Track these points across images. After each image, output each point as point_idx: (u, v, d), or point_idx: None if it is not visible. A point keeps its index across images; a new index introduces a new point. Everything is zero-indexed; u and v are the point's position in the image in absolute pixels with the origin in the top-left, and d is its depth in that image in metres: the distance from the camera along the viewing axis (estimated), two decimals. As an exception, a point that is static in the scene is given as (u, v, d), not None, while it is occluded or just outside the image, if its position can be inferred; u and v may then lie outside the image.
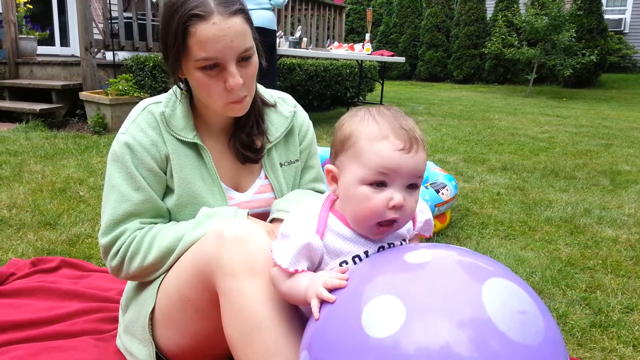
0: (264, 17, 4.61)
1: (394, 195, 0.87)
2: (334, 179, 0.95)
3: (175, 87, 1.27)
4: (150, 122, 1.23)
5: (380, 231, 0.92)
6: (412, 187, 0.90)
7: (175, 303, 1.14)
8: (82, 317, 1.56)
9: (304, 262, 0.93)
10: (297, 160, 1.40)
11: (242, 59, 1.15)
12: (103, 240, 1.20)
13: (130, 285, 1.32)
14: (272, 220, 1.29)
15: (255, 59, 1.19)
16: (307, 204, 1.00)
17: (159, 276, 1.20)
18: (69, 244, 2.24)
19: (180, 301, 1.13)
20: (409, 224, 1.00)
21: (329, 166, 0.95)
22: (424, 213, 1.04)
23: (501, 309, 0.74)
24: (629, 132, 6.15)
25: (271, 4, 4.76)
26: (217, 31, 1.09)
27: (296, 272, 0.92)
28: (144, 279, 1.22)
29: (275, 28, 4.81)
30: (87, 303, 1.65)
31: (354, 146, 0.89)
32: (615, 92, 11.62)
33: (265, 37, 4.56)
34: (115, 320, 1.51)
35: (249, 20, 1.16)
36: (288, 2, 7.49)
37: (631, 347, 1.58)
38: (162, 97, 1.28)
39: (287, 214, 1.25)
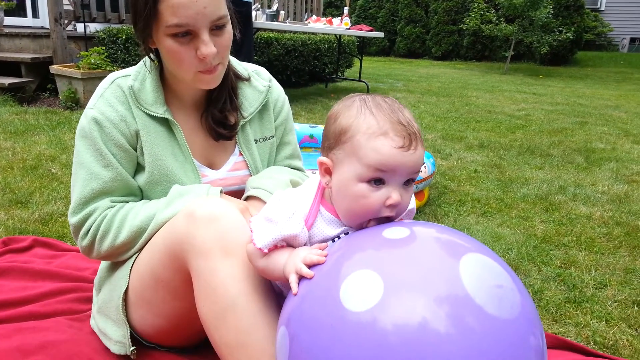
0: None
1: (392, 193, 0.86)
2: (327, 171, 0.92)
3: (145, 58, 1.22)
4: (118, 96, 1.19)
5: (370, 225, 0.91)
6: (408, 182, 0.89)
7: (148, 283, 1.12)
8: (55, 298, 1.54)
9: (282, 244, 0.92)
10: (272, 137, 1.37)
11: (216, 27, 1.10)
12: (73, 220, 1.17)
13: (103, 265, 1.29)
14: (248, 198, 1.26)
15: (229, 28, 1.14)
16: (298, 190, 0.98)
17: (132, 256, 1.18)
18: (42, 223, 2.19)
19: (153, 281, 1.11)
20: None
21: (322, 158, 0.92)
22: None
23: (478, 284, 0.75)
24: (604, 110, 6.25)
25: None
26: None
27: (273, 248, 0.91)
28: (116, 258, 1.20)
29: (251, 0, 4.70)
30: (60, 283, 1.62)
31: (351, 141, 0.87)
32: (591, 70, 11.78)
33: (240, 8, 4.47)
34: (89, 300, 1.49)
35: None
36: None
37: (604, 322, 1.62)
38: (131, 69, 1.23)
39: (271, 195, 1.23)
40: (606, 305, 1.72)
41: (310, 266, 0.85)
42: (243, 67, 1.35)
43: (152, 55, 1.20)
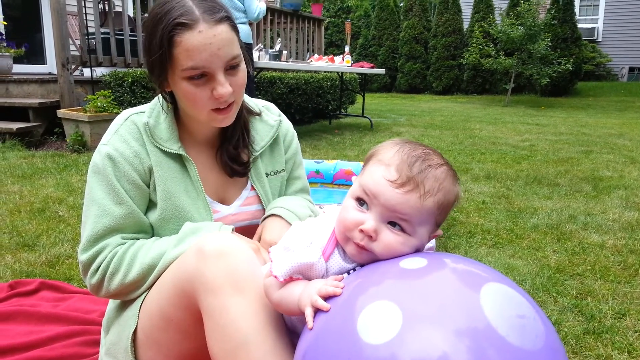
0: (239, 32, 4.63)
1: (367, 220, 0.86)
2: None
3: (159, 97, 1.23)
4: (133, 132, 1.19)
5: (359, 253, 0.88)
6: (394, 225, 0.86)
7: (157, 323, 1.10)
8: (62, 342, 1.51)
9: (298, 276, 0.90)
10: (283, 170, 1.38)
11: (230, 67, 1.12)
12: (83, 257, 1.15)
13: (111, 305, 1.27)
14: (269, 217, 1.26)
15: (243, 66, 1.16)
16: (317, 221, 0.98)
17: (141, 295, 1.16)
18: (49, 266, 2.17)
19: (163, 321, 1.09)
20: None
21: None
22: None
23: (500, 314, 0.72)
24: (608, 139, 6.25)
25: (247, 18, 4.78)
26: (203, 39, 1.06)
27: (289, 280, 0.89)
28: (125, 297, 1.17)
29: (251, 42, 4.84)
30: (67, 326, 1.60)
31: (366, 163, 0.91)
32: (592, 100, 11.86)
33: None
34: (97, 343, 1.46)
35: (234, 28, 1.14)
36: (266, 15, 7.50)
37: (626, 353, 1.57)
38: (145, 107, 1.25)
39: (292, 214, 1.24)
40: (627, 335, 1.67)
41: (326, 298, 0.82)
42: (254, 103, 1.37)
43: (167, 97, 1.21)
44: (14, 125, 4.87)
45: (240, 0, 4.78)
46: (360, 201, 0.88)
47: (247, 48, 4.71)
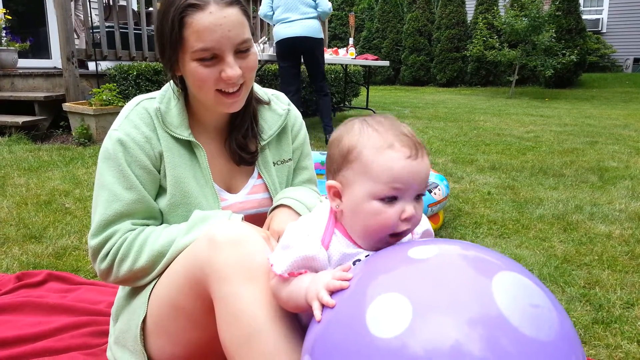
0: (309, 27, 4.79)
1: (406, 207, 0.86)
2: (337, 194, 0.91)
3: (170, 83, 1.23)
4: (144, 118, 1.19)
5: (391, 242, 0.89)
6: (418, 198, 0.89)
7: (167, 311, 1.10)
8: (70, 332, 1.51)
9: (301, 270, 0.89)
10: (290, 159, 1.37)
11: (240, 51, 1.12)
12: (93, 242, 1.15)
13: (121, 293, 1.27)
14: (277, 207, 1.26)
15: (254, 51, 1.16)
16: (310, 216, 0.97)
17: (150, 282, 1.16)
18: (56, 257, 2.17)
19: (173, 309, 1.09)
20: (408, 235, 0.97)
21: (331, 182, 0.91)
22: (421, 224, 1.01)
23: (513, 303, 0.70)
24: (613, 130, 6.22)
25: (317, 11, 4.85)
26: (214, 20, 1.07)
27: (291, 275, 0.88)
28: (134, 283, 1.17)
29: (322, 37, 4.97)
30: (75, 317, 1.60)
31: (359, 159, 0.86)
32: (596, 91, 11.79)
33: (310, 45, 4.80)
34: (104, 333, 1.46)
35: (246, 13, 1.14)
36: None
37: (635, 343, 1.56)
38: (155, 93, 1.25)
39: (301, 203, 1.24)
40: (636, 325, 1.67)
41: (333, 292, 0.81)
42: (263, 91, 1.37)
43: (178, 83, 1.21)
44: (20, 119, 4.88)
45: None
46: (390, 198, 0.85)
47: (317, 43, 4.82)
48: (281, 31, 4.86)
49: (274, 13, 4.91)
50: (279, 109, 1.35)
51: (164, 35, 1.11)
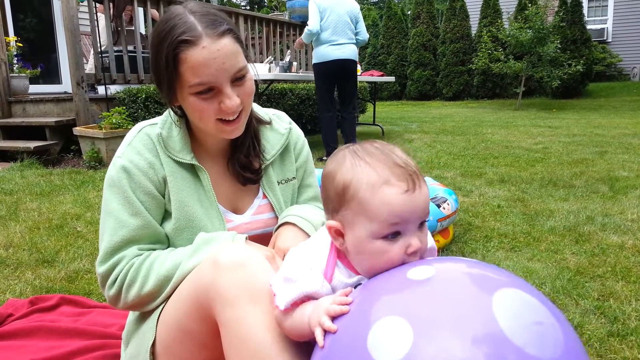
0: (354, 51, 5.27)
1: (411, 241, 0.84)
2: (339, 233, 0.89)
3: (169, 110, 1.25)
4: (146, 144, 1.21)
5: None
6: (422, 224, 0.87)
7: (174, 335, 1.10)
8: (83, 356, 1.52)
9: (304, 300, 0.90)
10: (294, 178, 1.38)
11: (237, 79, 1.13)
12: (100, 269, 1.16)
13: (131, 318, 1.28)
14: (283, 225, 1.26)
15: (250, 76, 1.16)
16: (311, 245, 0.96)
17: (158, 306, 1.16)
18: (68, 281, 2.19)
19: (180, 333, 1.09)
20: None
21: (331, 222, 0.89)
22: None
23: (515, 322, 0.69)
24: (622, 139, 6.18)
25: (357, 39, 5.33)
26: (208, 55, 1.07)
27: (294, 306, 0.89)
28: (143, 308, 1.18)
29: (356, 59, 5.42)
30: (87, 340, 1.60)
31: (355, 198, 0.84)
32: (604, 101, 11.75)
33: (353, 68, 5.35)
34: (117, 356, 1.46)
35: (238, 39, 1.14)
36: (275, 28, 7.58)
37: (652, 355, 1.54)
38: (157, 119, 1.26)
39: (306, 221, 1.24)
40: (652, 336, 1.64)
41: (335, 317, 0.81)
42: (264, 112, 1.37)
43: (177, 111, 1.23)
44: (32, 144, 4.95)
45: (353, 21, 5.23)
46: (392, 235, 0.84)
47: (355, 66, 5.39)
48: (332, 52, 5.11)
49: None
50: (280, 128, 1.36)
51: (160, 71, 1.11)
